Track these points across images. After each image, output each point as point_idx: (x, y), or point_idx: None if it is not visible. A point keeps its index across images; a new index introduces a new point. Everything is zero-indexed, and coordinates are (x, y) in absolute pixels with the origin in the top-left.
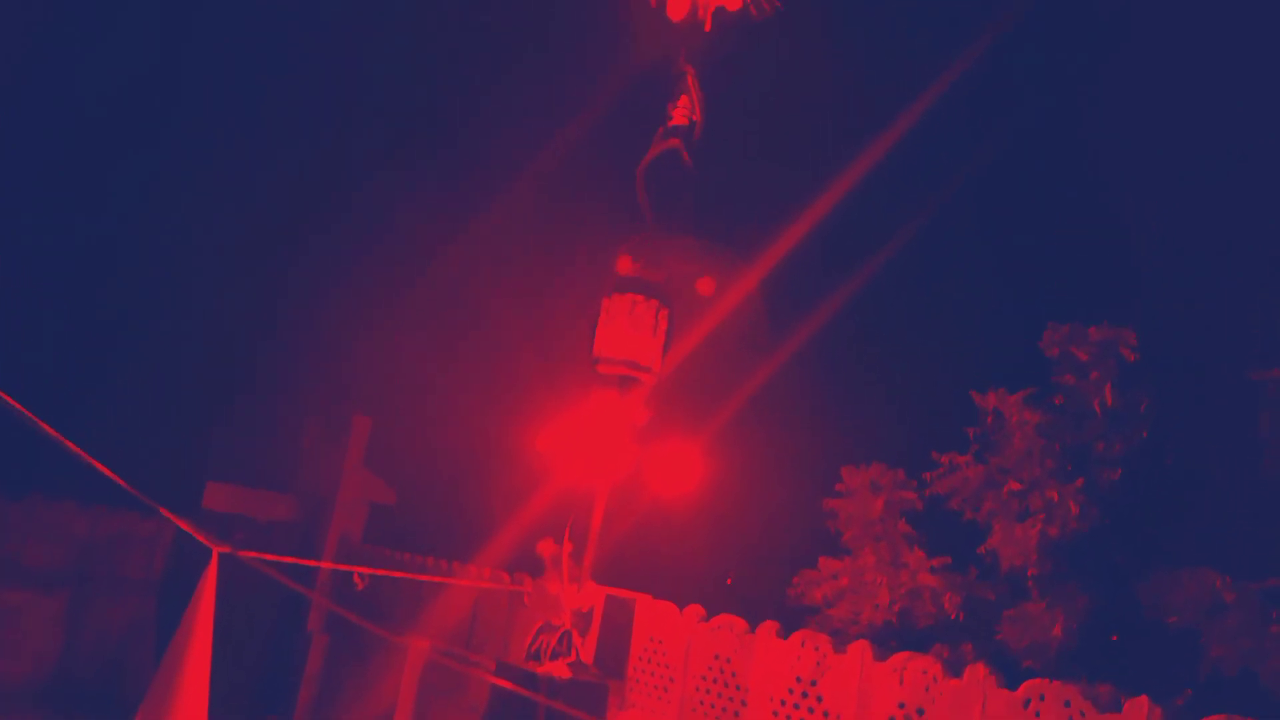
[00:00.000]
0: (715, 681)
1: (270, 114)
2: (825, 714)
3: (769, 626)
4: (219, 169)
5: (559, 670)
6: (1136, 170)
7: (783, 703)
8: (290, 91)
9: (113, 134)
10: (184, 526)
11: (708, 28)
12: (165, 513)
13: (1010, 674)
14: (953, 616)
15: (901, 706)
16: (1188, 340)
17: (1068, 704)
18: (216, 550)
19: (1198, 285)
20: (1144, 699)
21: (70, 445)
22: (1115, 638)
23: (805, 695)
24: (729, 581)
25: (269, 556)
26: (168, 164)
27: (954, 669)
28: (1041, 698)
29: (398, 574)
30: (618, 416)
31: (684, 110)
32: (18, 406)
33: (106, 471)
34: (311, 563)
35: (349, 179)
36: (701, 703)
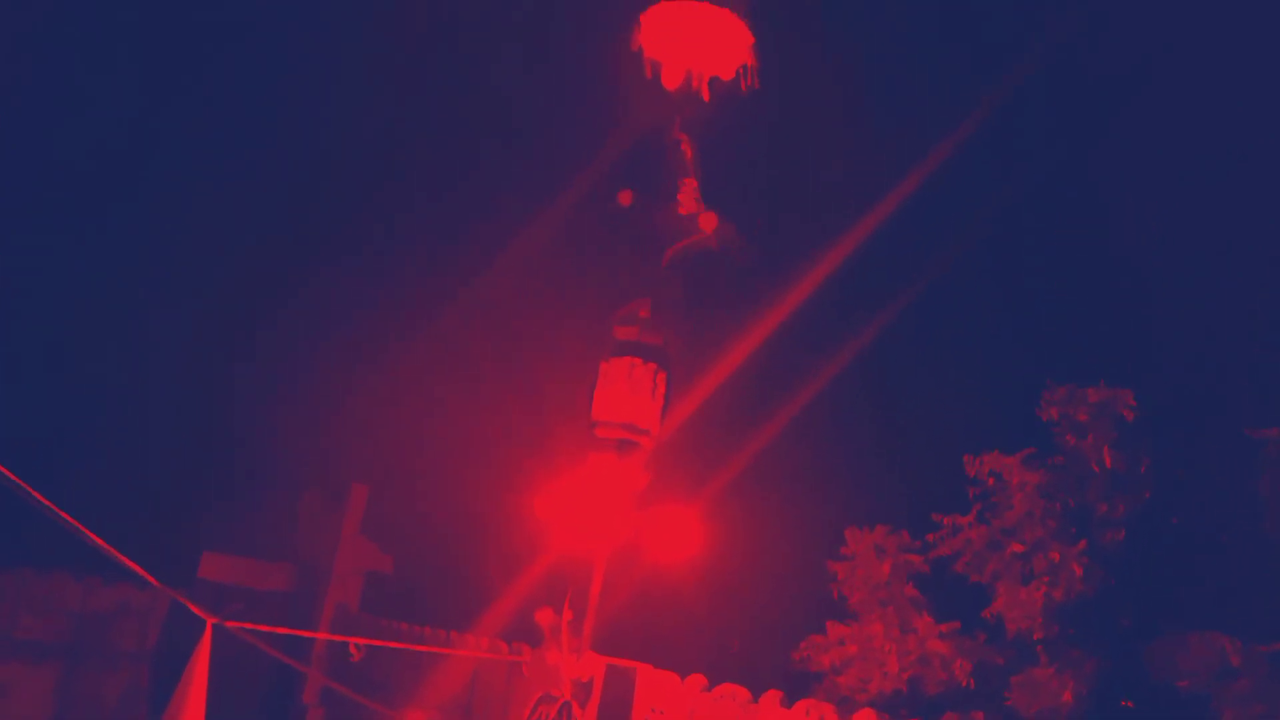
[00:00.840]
0: None
1: (264, 168)
2: None
3: (773, 696)
4: (212, 234)
5: None
6: (1136, 228)
7: None
8: (286, 145)
9: (113, 188)
10: (177, 598)
11: (706, 98)
12: (158, 584)
13: None
14: (963, 684)
15: None
16: (1187, 398)
17: None
18: (210, 622)
19: (1197, 343)
20: None
21: (64, 515)
22: (1128, 703)
23: None
24: (733, 648)
25: (263, 628)
26: (161, 227)
27: None
28: None
29: (394, 644)
30: (616, 481)
31: (691, 197)
32: (10, 476)
33: (100, 542)
34: (306, 634)
35: (343, 245)
36: None
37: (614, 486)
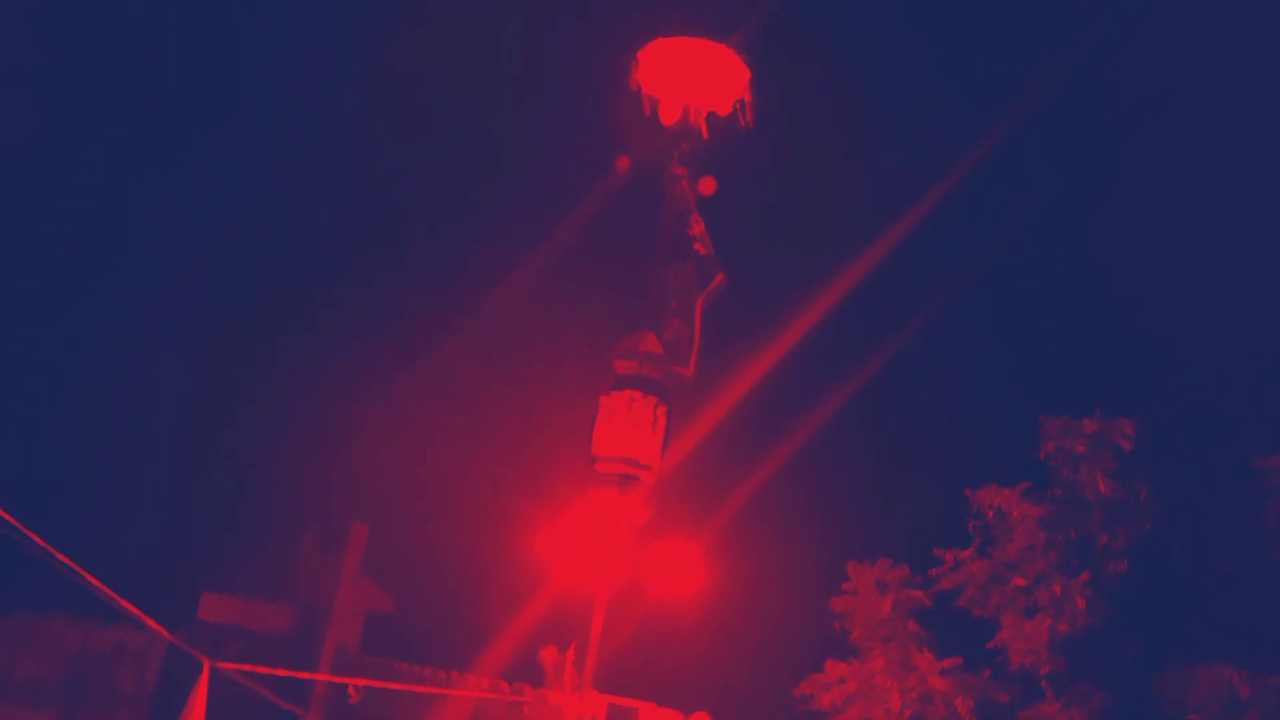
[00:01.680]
0: None
1: (262, 208)
2: None
3: None
4: (211, 275)
5: None
6: (1135, 257)
7: None
8: (288, 180)
9: (112, 228)
10: (174, 640)
11: (705, 135)
12: (156, 626)
13: None
14: None
15: None
16: (1188, 427)
17: None
18: (208, 663)
19: (1198, 370)
20: None
21: (61, 558)
22: None
23: None
24: (736, 687)
25: (262, 669)
26: (160, 268)
27: None
28: None
29: (395, 685)
30: (618, 517)
31: (699, 237)
32: (7, 518)
33: (98, 584)
34: (305, 675)
35: (341, 282)
36: None
37: (615, 522)
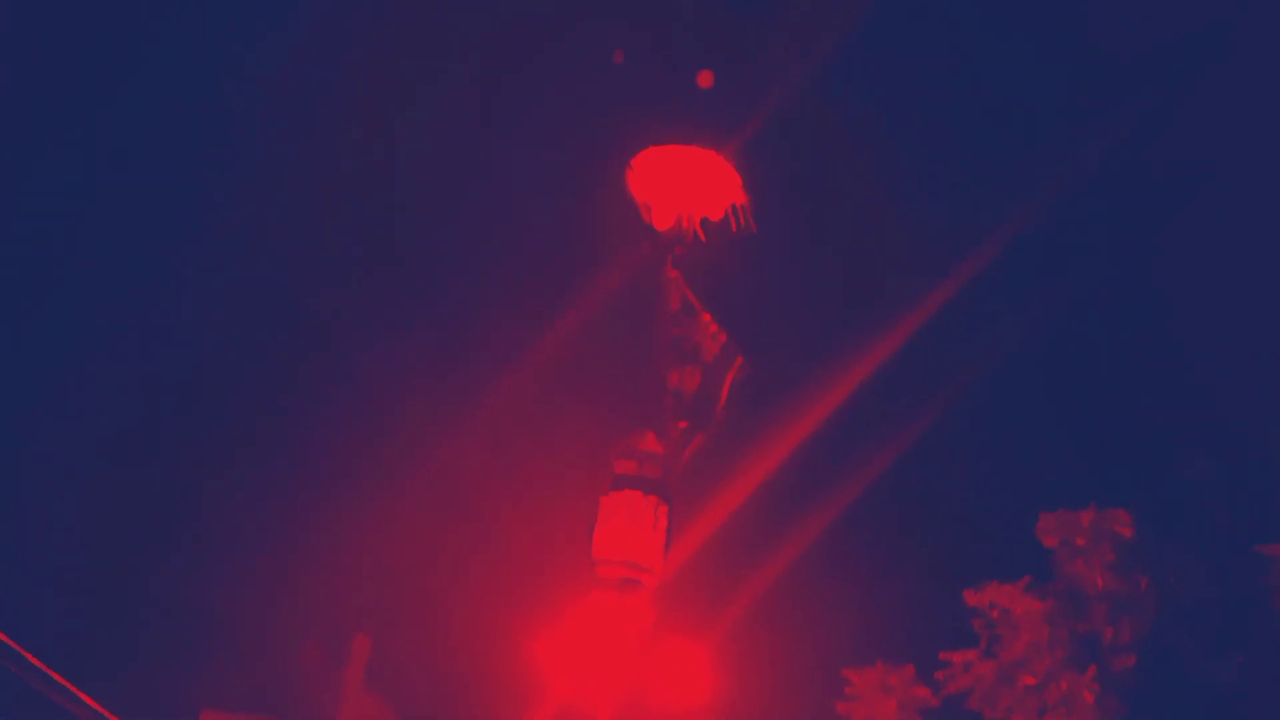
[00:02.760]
0: None
1: (255, 299)
2: None
3: None
4: (208, 369)
5: None
6: (1135, 344)
7: None
8: (275, 272)
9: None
10: None
11: (703, 238)
12: None
13: None
14: None
15: None
16: (1192, 514)
17: None
18: None
19: (1200, 458)
20: None
21: (54, 676)
22: None
23: None
24: None
25: None
26: (162, 360)
27: None
28: None
29: None
30: (620, 622)
31: (709, 331)
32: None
33: (94, 705)
34: None
35: (342, 391)
36: None
37: (617, 628)
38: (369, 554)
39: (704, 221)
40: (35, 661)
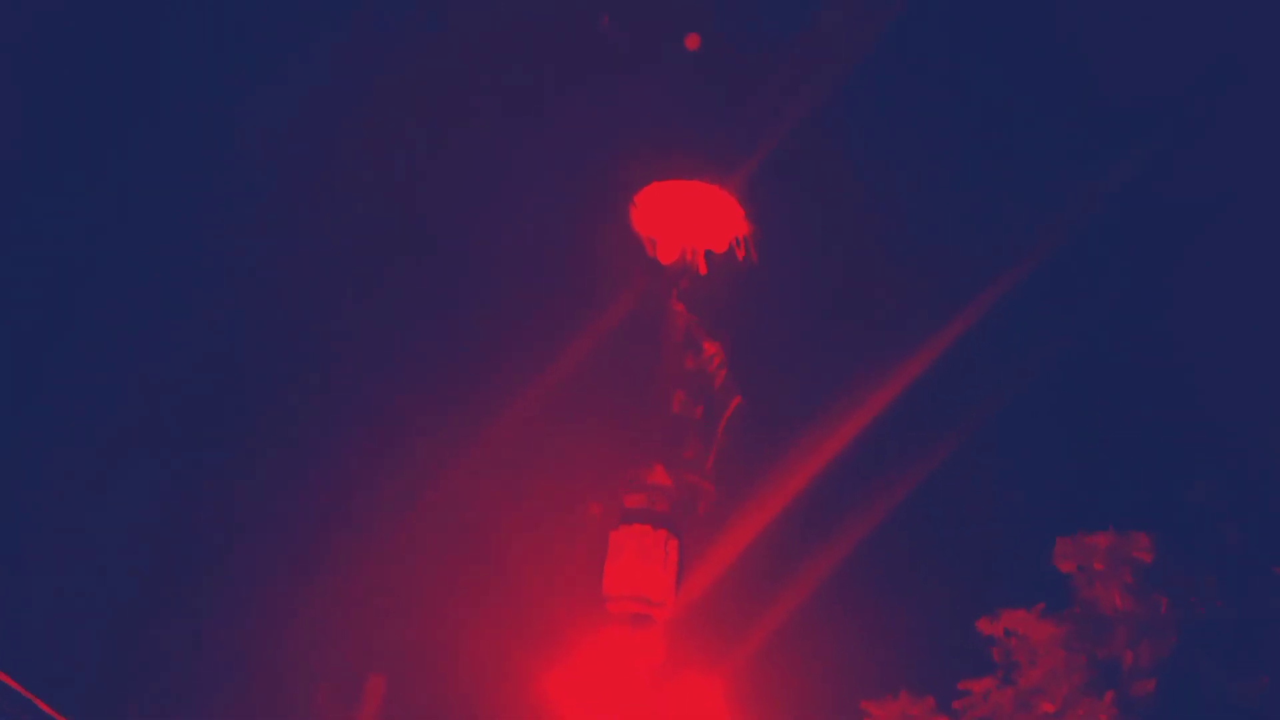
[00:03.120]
0: None
1: (255, 348)
2: None
3: None
4: (204, 416)
5: None
6: (1144, 366)
7: None
8: (274, 326)
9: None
10: None
11: (704, 270)
12: None
13: None
14: None
15: None
16: (1208, 535)
17: None
18: None
19: (1214, 479)
20: None
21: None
22: None
23: None
24: None
25: None
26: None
27: None
28: None
29: None
30: (632, 658)
31: (711, 365)
32: (10, 683)
33: None
34: None
35: (352, 428)
36: None
37: (630, 663)
38: (382, 592)
39: (708, 255)
40: (45, 707)
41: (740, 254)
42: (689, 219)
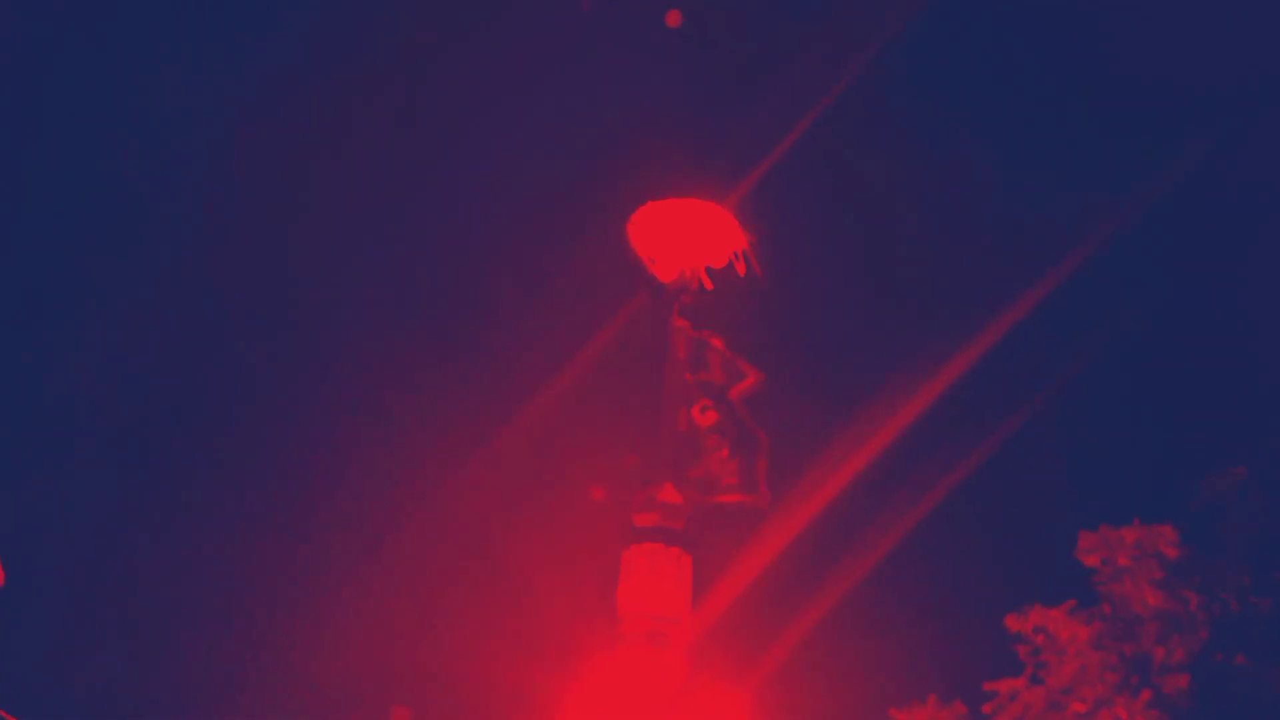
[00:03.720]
0: None
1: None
2: None
3: None
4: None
5: None
6: (1172, 358)
7: None
8: (282, 345)
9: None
10: None
11: (709, 286)
12: None
13: None
14: None
15: None
16: (1235, 525)
17: None
18: None
19: (1240, 469)
20: None
21: None
22: None
23: None
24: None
25: None
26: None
27: None
28: None
29: None
30: (649, 678)
31: (722, 355)
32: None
33: None
34: None
35: (362, 458)
36: None
37: (647, 683)
38: (401, 620)
39: (709, 270)
40: None
41: (741, 268)
42: (688, 235)
